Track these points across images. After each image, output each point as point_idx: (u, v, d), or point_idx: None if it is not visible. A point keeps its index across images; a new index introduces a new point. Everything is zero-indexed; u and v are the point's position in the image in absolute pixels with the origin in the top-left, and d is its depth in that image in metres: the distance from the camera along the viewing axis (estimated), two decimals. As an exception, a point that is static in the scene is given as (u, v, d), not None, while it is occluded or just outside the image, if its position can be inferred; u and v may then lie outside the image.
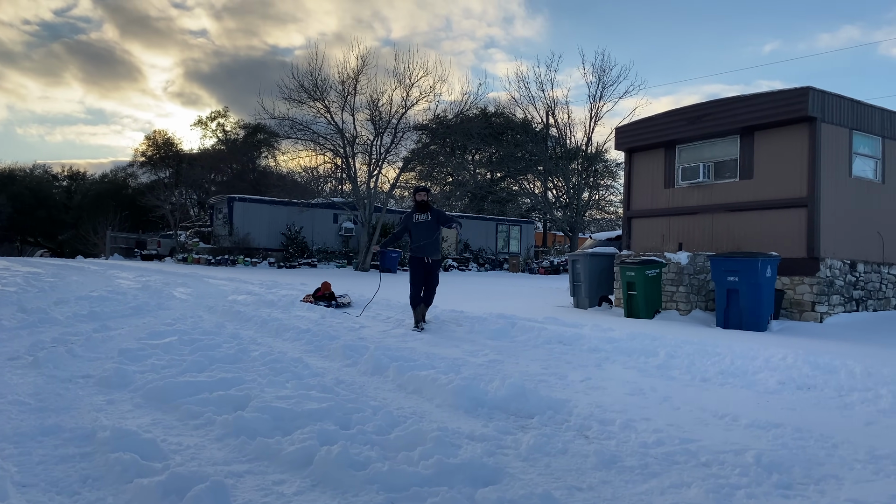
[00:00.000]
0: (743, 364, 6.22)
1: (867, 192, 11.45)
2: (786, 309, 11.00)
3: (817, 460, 3.52)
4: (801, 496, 3.00)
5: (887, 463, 3.48)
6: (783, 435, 3.98)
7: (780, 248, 10.86)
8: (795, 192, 10.88)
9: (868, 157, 11.49)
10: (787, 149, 11.01)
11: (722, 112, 11.72)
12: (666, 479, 3.16)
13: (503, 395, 4.59)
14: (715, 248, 11.91)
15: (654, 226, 13.29)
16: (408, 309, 9.87)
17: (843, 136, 11.04)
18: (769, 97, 11.13)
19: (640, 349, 7.08)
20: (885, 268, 11.76)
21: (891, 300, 11.85)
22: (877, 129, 11.50)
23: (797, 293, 10.92)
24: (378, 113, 27.50)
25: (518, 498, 2.83)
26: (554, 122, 37.58)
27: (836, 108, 10.89)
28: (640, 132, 13.42)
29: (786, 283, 11.00)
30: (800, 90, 10.60)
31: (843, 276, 11.07)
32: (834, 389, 5.33)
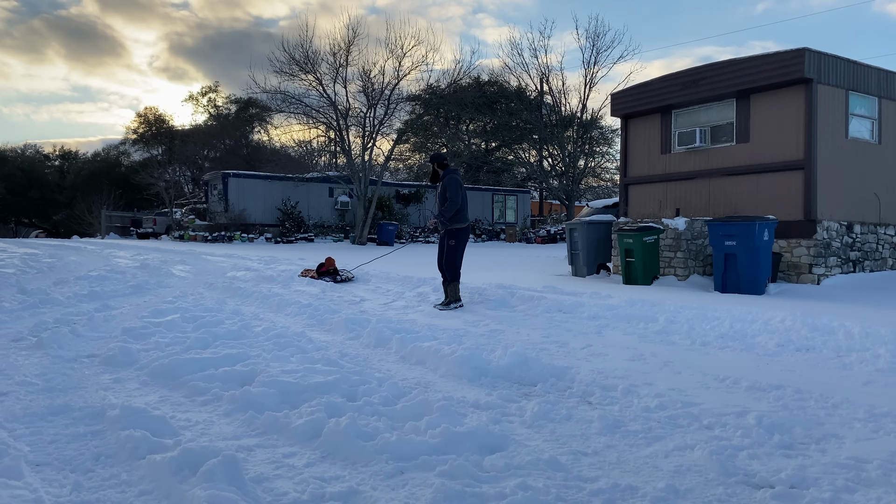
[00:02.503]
0: (742, 327, 6.28)
1: (864, 152, 11.44)
2: (783, 272, 11.06)
3: (818, 420, 3.57)
4: (802, 455, 3.05)
5: (887, 421, 3.54)
6: (783, 396, 4.04)
7: (778, 211, 10.88)
8: (792, 154, 10.87)
9: (864, 118, 11.46)
10: (784, 111, 10.97)
11: (717, 76, 11.65)
12: (670, 443, 3.21)
13: (506, 364, 4.63)
14: (712, 213, 11.92)
15: (651, 192, 13.28)
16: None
17: (839, 97, 11.00)
18: (765, 59, 11.06)
19: (640, 315, 7.13)
20: (882, 228, 11.80)
21: (887, 260, 11.91)
22: (873, 89, 11.45)
23: (794, 256, 10.96)
24: (370, 84, 27.28)
25: (525, 464, 2.88)
26: (548, 89, 37.29)
27: (833, 69, 10.84)
28: (636, 98, 13.34)
29: (783, 246, 11.04)
30: (796, 52, 10.53)
31: (839, 238, 11.11)
32: (832, 350, 5.39)
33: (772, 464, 2.92)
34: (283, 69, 26.67)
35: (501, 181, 41.29)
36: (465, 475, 2.74)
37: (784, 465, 2.89)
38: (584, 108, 36.46)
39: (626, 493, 2.59)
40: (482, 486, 2.63)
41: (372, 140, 27.93)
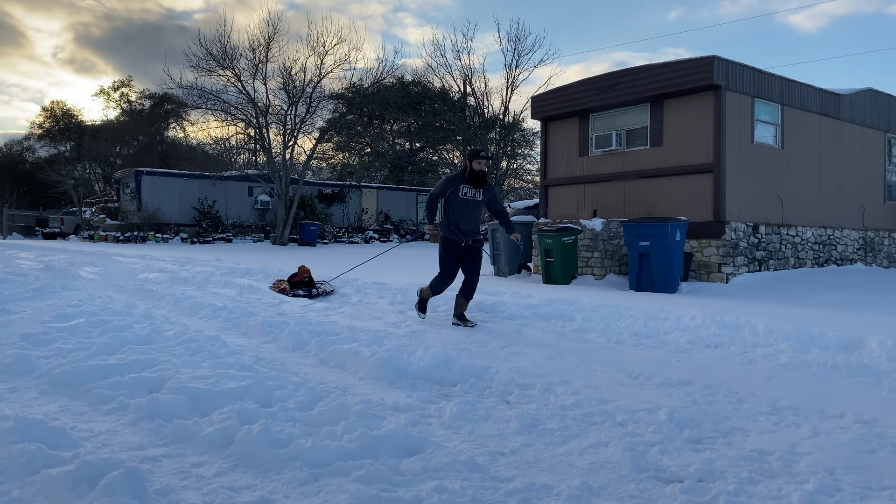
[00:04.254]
0: (655, 325, 6.48)
1: (768, 157, 12.03)
2: (694, 271, 11.50)
3: (725, 414, 3.71)
4: (710, 449, 3.16)
5: (787, 414, 3.71)
6: (693, 392, 4.17)
7: (689, 212, 11.30)
8: (702, 158, 11.31)
9: (768, 124, 12.05)
10: (695, 116, 11.41)
11: (632, 81, 12.01)
12: (585, 440, 3.26)
13: (426, 365, 4.61)
14: (628, 214, 12.28)
15: (569, 193, 13.56)
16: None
17: (745, 104, 11.52)
18: (676, 66, 11.47)
19: (558, 314, 7.25)
20: (785, 229, 12.44)
21: (790, 260, 12.56)
22: (776, 96, 12.06)
23: (705, 255, 11.42)
24: (291, 81, 26.81)
25: (442, 466, 2.86)
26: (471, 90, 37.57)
27: (739, 77, 11.34)
28: (555, 101, 13.60)
29: (694, 246, 11.48)
30: (705, 59, 10.96)
31: (746, 238, 11.64)
32: (739, 346, 5.62)
33: (682, 458, 3.01)
34: (199, 64, 25.89)
35: (426, 181, 41.33)
36: (381, 479, 2.69)
37: (693, 460, 2.98)
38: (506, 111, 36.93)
39: (542, 491, 2.61)
40: (398, 490, 2.59)
41: (293, 138, 27.45)
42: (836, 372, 4.74)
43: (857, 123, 13.87)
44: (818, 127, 12.97)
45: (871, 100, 14.32)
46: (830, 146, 13.24)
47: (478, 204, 7.05)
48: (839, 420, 3.58)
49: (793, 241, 12.62)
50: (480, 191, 7.01)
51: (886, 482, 2.74)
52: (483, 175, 6.98)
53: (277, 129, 27.91)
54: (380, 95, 31.07)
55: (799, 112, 12.52)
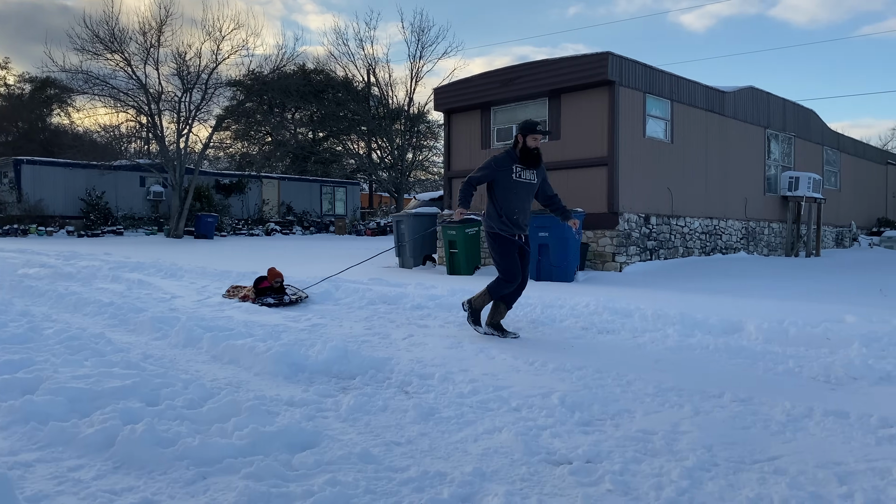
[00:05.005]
0: (552, 312, 6.65)
1: (659, 151, 12.57)
2: (590, 260, 11.89)
3: (614, 397, 3.85)
4: (599, 431, 3.27)
5: (671, 395, 3.89)
6: (585, 376, 4.31)
7: (586, 204, 11.66)
8: (597, 151, 11.69)
9: (659, 119, 12.59)
10: (590, 111, 11.77)
11: (531, 75, 12.25)
12: (480, 427, 3.30)
13: (325, 359, 4.54)
14: (528, 206, 12.53)
15: (472, 185, 13.69)
16: None
17: (638, 99, 11.99)
18: (572, 61, 11.79)
19: (458, 304, 7.31)
20: (674, 220, 13.05)
21: (679, 249, 13.20)
22: (666, 92, 12.61)
23: (600, 245, 11.82)
24: (186, 67, 25.74)
25: (336, 459, 2.83)
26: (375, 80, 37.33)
27: (632, 73, 11.78)
28: (458, 93, 13.69)
29: (590, 236, 11.86)
30: (600, 55, 11.32)
31: (638, 229, 12.13)
32: (629, 332, 5.86)
33: (571, 441, 3.10)
34: (85, 47, 24.44)
35: (330, 172, 40.76)
36: (272, 475, 2.63)
37: (582, 442, 3.07)
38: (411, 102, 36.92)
39: (435, 479, 2.62)
40: (290, 486, 2.54)
41: (188, 126, 26.38)
42: (718, 354, 5.01)
43: (739, 119, 14.71)
44: (705, 122, 13.67)
45: (752, 97, 15.23)
46: (716, 141, 13.99)
47: (533, 188, 5.93)
48: (718, 399, 3.79)
49: (682, 231, 13.27)
50: (535, 172, 5.92)
51: (757, 456, 2.92)
52: (539, 155, 5.90)
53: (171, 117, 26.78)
54: (280, 83, 30.33)
55: (687, 108, 13.15)
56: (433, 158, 40.66)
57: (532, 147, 5.82)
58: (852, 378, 4.32)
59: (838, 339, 5.27)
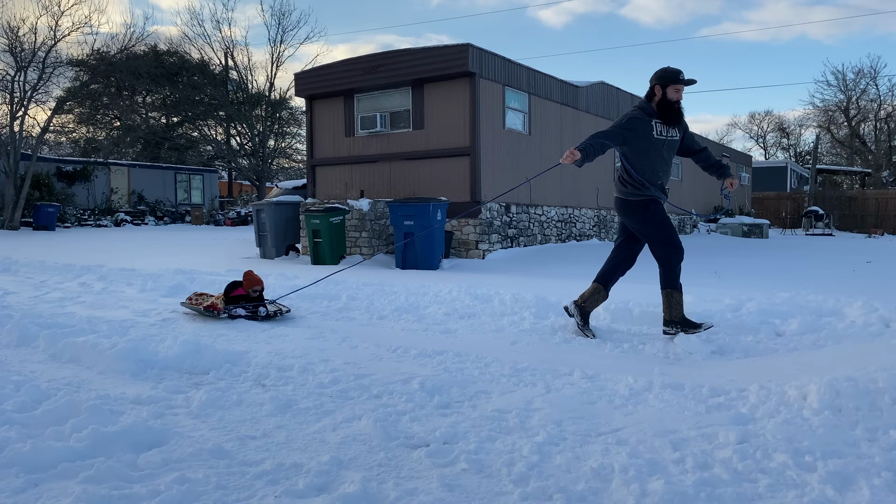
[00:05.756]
0: (415, 300, 6.72)
1: (518, 142, 13.00)
2: (455, 248, 12.12)
3: (472, 379, 3.95)
4: (456, 413, 3.34)
5: (526, 374, 4.05)
6: (445, 360, 4.39)
7: (450, 193, 11.86)
8: (460, 142, 11.91)
9: (518, 111, 13.01)
10: (452, 101, 11.96)
11: (394, 64, 12.26)
12: (339, 416, 3.28)
13: (176, 354, 4.33)
14: (394, 195, 12.57)
15: (337, 174, 13.54)
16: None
17: (497, 92, 12.32)
18: (434, 52, 11.91)
19: (324, 294, 7.22)
20: (533, 209, 13.56)
21: (537, 236, 13.74)
22: (524, 86, 13.04)
23: (464, 234, 12.07)
24: (19, 44, 23.50)
25: (186, 456, 2.70)
26: (234, 64, 35.92)
27: (492, 65, 12.08)
28: (320, 80, 13.45)
29: (455, 225, 12.08)
30: (460, 46, 11.52)
31: (500, 217, 12.50)
32: (489, 316, 6.03)
33: (430, 424, 3.15)
34: None
35: (186, 159, 38.77)
36: (114, 477, 2.47)
37: (440, 424, 3.13)
38: (272, 87, 35.87)
39: (291, 471, 2.58)
40: (133, 487, 2.40)
41: (23, 108, 24.13)
42: (569, 334, 5.27)
43: (591, 113, 15.51)
44: (560, 115, 14.28)
45: (603, 92, 16.09)
46: (570, 133, 14.67)
47: (675, 147, 5.23)
48: (568, 377, 3.99)
49: (540, 219, 13.82)
50: (676, 128, 5.19)
51: (602, 428, 3.10)
52: (681, 109, 5.13)
53: (3, 98, 24.37)
54: (129, 64, 28.46)
55: (544, 101, 13.68)
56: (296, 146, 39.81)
57: (673, 100, 5.07)
58: (688, 353, 4.68)
59: (676, 318, 5.69)
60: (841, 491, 2.40)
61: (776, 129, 51.75)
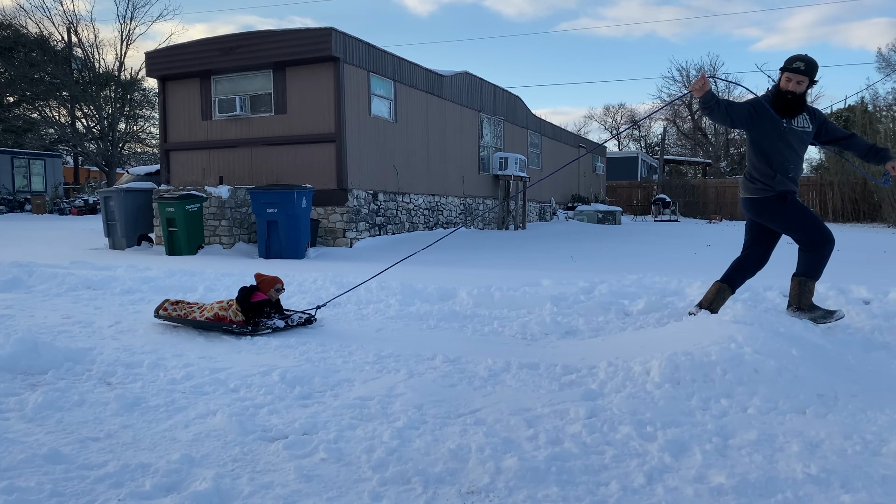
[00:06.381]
0: (278, 290, 6.54)
1: (384, 129, 12.96)
2: (321, 237, 11.93)
3: (335, 368, 3.90)
4: (318, 403, 3.29)
5: (389, 361, 4.05)
6: (308, 350, 4.31)
7: (315, 180, 11.64)
8: (325, 128, 11.71)
9: (384, 98, 12.96)
10: (316, 86, 11.72)
11: (254, 45, 11.84)
12: (192, 412, 3.13)
13: (8, 354, 3.95)
14: (256, 182, 12.17)
15: (194, 159, 12.92)
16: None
17: (363, 78, 12.21)
18: (296, 34, 11.62)
19: (179, 286, 6.89)
20: (400, 196, 13.60)
21: (405, 224, 13.80)
22: (390, 73, 13.01)
23: (331, 222, 11.91)
24: None
25: (17, 464, 2.48)
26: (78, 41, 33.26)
27: (357, 51, 11.95)
28: (174, 59, 12.74)
29: (321, 212, 11.89)
30: (323, 30, 11.30)
31: (367, 205, 12.44)
32: (354, 304, 5.99)
33: (289, 415, 3.08)
34: None
35: (24, 143, 35.48)
36: (-72, 494, 2.23)
37: (300, 415, 3.07)
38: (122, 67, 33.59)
39: (137, 472, 2.43)
40: (-49, 503, 2.17)
41: None
42: (433, 320, 5.33)
43: (456, 103, 15.74)
44: (426, 104, 14.39)
45: (467, 82, 16.37)
46: (436, 122, 14.82)
47: (807, 139, 4.83)
48: (431, 361, 4.04)
49: (407, 207, 13.89)
50: (808, 118, 4.78)
51: (462, 410, 3.16)
52: (795, 100, 4.65)
53: None
54: (-47, 36, 25.55)
55: (410, 89, 13.72)
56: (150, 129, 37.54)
57: (785, 90, 4.63)
58: (544, 334, 4.88)
59: (534, 301, 5.93)
60: (677, 457, 2.59)
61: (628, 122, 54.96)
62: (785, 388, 3.25)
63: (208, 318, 4.96)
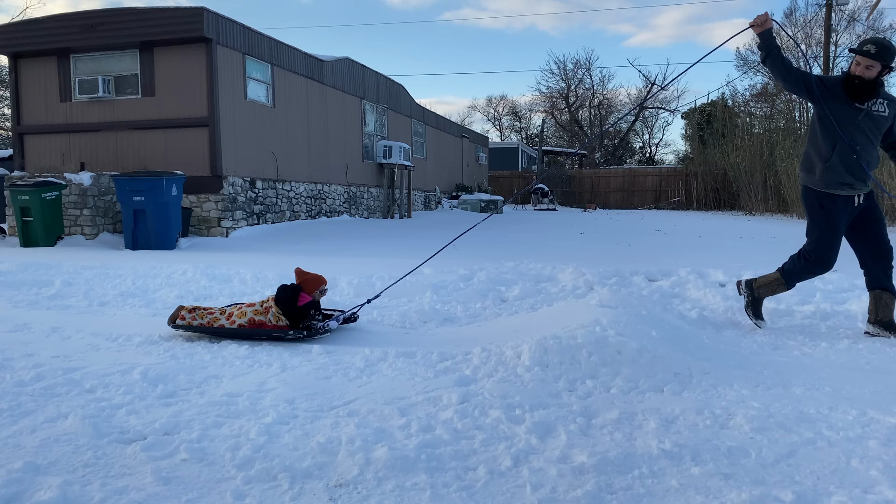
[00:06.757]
0: (144, 283, 6.21)
1: (262, 114, 12.55)
2: (195, 226, 11.42)
3: (202, 364, 3.74)
4: (182, 401, 3.13)
5: (262, 355, 3.92)
6: (174, 347, 4.11)
7: (187, 166, 11.10)
8: (197, 112, 11.19)
9: (261, 82, 12.54)
10: (187, 68, 11.17)
11: (118, 23, 11.11)
12: (41, 416, 2.90)
13: None
14: (122, 168, 11.47)
15: (52, 143, 12.00)
16: None
17: (237, 60, 11.75)
18: (165, 13, 11.02)
19: (33, 280, 6.38)
20: (280, 184, 13.24)
21: (286, 213, 13.46)
22: (267, 56, 12.60)
23: (205, 210, 11.42)
24: None
25: None
26: (-85, 11, 29.92)
27: (231, 32, 11.48)
28: (26, 36, 11.75)
29: (193, 201, 11.37)
30: (195, 9, 10.77)
31: (244, 193, 12.02)
32: (227, 297, 5.77)
33: (150, 415, 2.91)
34: None
35: None
36: None
37: (161, 415, 2.91)
38: (-31, 41, 30.55)
39: (-30, 486, 2.22)
40: None
41: None
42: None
43: (338, 89, 15.49)
44: (306, 89, 14.06)
45: (349, 68, 16.14)
46: (317, 108, 14.52)
47: (882, 126, 4.34)
48: (307, 354, 3.95)
49: (288, 195, 13.55)
50: (886, 104, 4.29)
51: (335, 402, 3.11)
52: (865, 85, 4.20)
53: None
54: None
55: (288, 74, 13.36)
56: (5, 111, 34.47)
57: (855, 75, 4.21)
58: (423, 322, 4.90)
59: (415, 289, 5.94)
60: (543, 438, 2.66)
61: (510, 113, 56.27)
62: (645, 368, 3.43)
63: (243, 325, 4.41)
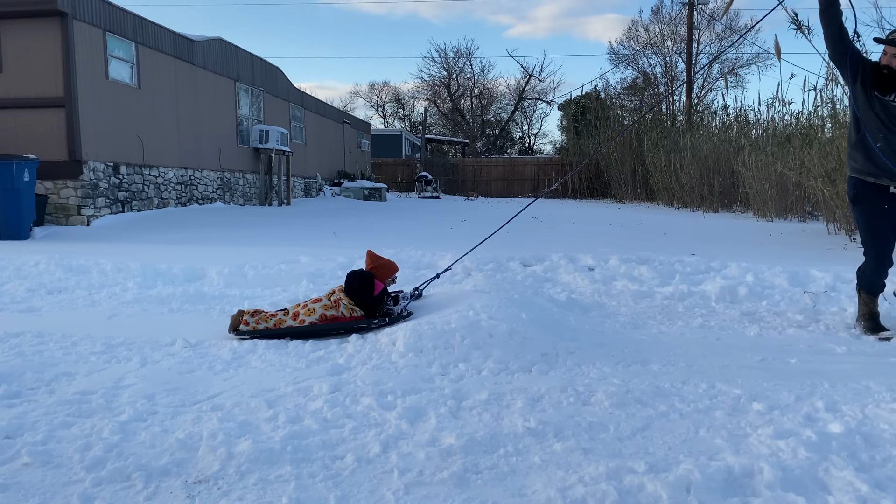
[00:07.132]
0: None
1: (125, 95, 11.81)
2: (51, 214, 10.63)
3: (53, 362, 3.47)
4: (28, 401, 2.90)
5: (121, 350, 3.71)
6: (21, 343, 3.80)
7: (40, 150, 10.29)
8: (51, 91, 10.38)
9: (124, 62, 11.80)
10: (40, 44, 10.33)
11: (-43, -10, 10.09)
12: None
13: None
14: (-36, 151, 10.44)
15: None
16: None
17: (97, 37, 10.99)
18: (13, -18, 10.12)
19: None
20: (147, 170, 12.54)
21: (154, 200, 12.78)
22: (130, 33, 11.86)
23: (62, 197, 10.64)
24: None
25: None
26: None
27: (89, 7, 10.71)
28: None
29: (49, 187, 10.58)
30: (47, -20, 9.96)
31: (107, 179, 11.29)
32: (85, 289, 5.40)
33: (-12, 419, 2.67)
34: None
35: None
36: None
37: (3, 417, 2.68)
38: None
39: None
40: None
41: None
42: (177, 303, 4.98)
43: (210, 70, 14.83)
44: (174, 70, 13.36)
45: (221, 49, 15.48)
46: (187, 90, 13.84)
47: None
48: (170, 348, 3.76)
49: (156, 181, 12.85)
50: None
51: (199, 397, 2.98)
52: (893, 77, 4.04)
53: None
54: None
55: (155, 53, 12.64)
56: None
57: (882, 65, 4.07)
58: (297, 311, 4.78)
59: (290, 278, 5.80)
60: (413, 423, 2.67)
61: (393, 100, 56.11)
62: (515, 350, 3.52)
63: (314, 323, 4.05)
